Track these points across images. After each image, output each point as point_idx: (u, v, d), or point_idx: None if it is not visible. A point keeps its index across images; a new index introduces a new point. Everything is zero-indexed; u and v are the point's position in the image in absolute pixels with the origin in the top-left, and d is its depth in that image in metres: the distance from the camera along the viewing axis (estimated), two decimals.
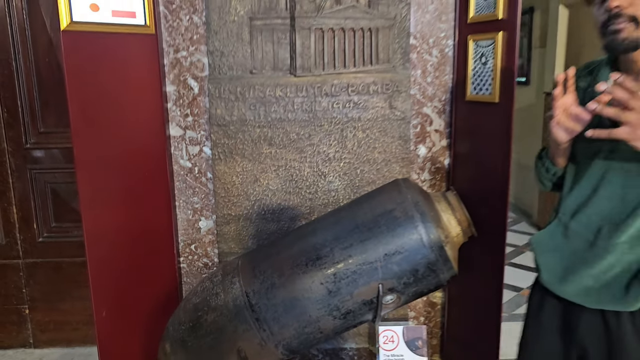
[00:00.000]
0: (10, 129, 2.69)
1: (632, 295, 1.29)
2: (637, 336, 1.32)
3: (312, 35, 2.31)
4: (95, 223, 2.19)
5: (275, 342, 2.05)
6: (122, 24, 2.16)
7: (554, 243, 1.46)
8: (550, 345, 1.49)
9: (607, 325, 1.35)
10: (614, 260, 1.31)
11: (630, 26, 1.19)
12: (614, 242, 1.31)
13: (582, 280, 1.36)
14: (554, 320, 1.47)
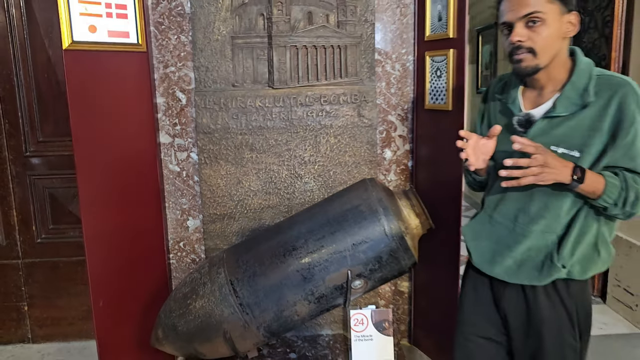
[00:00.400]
0: (11, 139, 2.88)
1: (545, 273, 1.50)
2: (549, 305, 1.52)
3: (287, 52, 2.57)
4: (93, 222, 2.39)
5: (257, 325, 2.29)
6: (117, 43, 2.40)
7: (482, 231, 1.65)
8: (485, 313, 1.67)
9: (525, 297, 1.55)
10: (529, 244, 1.52)
11: (529, 56, 1.41)
12: (529, 230, 1.51)
13: (505, 261, 1.56)
14: (487, 294, 1.66)
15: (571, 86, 1.43)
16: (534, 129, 1.48)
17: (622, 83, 1.40)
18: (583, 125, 1.41)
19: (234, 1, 2.53)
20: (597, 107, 1.40)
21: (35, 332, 3.07)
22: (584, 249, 1.48)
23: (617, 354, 2.81)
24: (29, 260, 3.00)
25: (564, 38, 1.43)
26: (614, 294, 3.32)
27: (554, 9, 1.39)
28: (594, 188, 1.37)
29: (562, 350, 1.52)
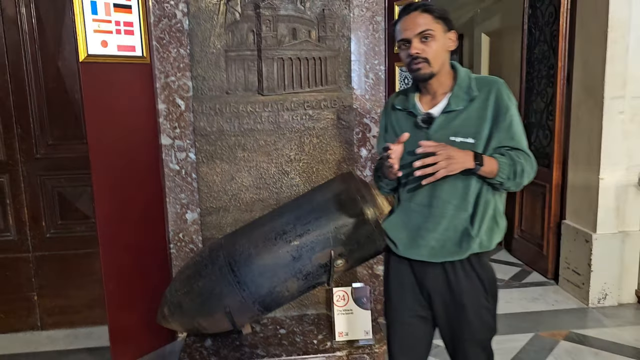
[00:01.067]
0: (23, 142, 3.13)
1: (464, 247, 1.70)
2: (466, 277, 1.74)
3: (275, 64, 2.90)
4: (105, 214, 2.68)
5: (253, 300, 2.60)
6: (125, 56, 2.70)
7: (401, 223, 1.82)
8: (410, 295, 1.84)
9: (446, 274, 1.75)
10: (447, 224, 1.71)
11: (425, 64, 1.66)
12: (444, 211, 1.71)
13: (429, 243, 1.74)
14: (410, 277, 1.83)
15: (458, 87, 1.70)
16: (435, 124, 1.71)
17: (495, 80, 1.70)
18: (472, 116, 1.67)
19: (228, 19, 2.86)
20: (480, 100, 1.67)
21: (45, 320, 3.32)
22: (487, 222, 1.72)
23: (566, 325, 3.19)
24: (38, 253, 3.26)
25: (447, 50, 1.71)
26: (564, 275, 3.72)
27: (439, 27, 1.67)
28: (491, 168, 1.61)
29: (480, 313, 1.75)
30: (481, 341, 1.80)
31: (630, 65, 3.21)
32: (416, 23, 1.66)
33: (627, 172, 3.33)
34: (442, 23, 1.68)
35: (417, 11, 1.67)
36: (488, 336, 1.81)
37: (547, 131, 3.88)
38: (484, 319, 1.77)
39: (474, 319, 1.75)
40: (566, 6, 3.56)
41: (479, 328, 1.77)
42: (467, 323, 1.76)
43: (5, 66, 3.05)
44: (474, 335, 1.78)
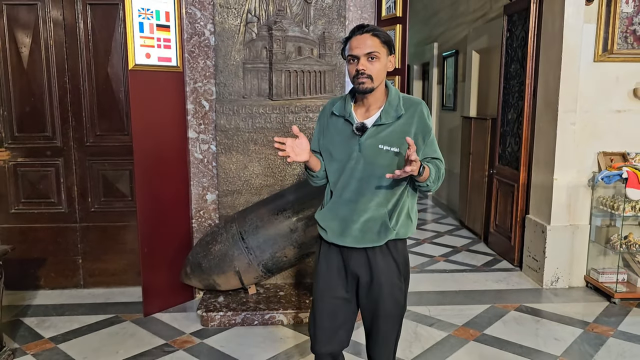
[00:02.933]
0: (76, 132, 3.77)
1: (382, 236, 1.90)
2: (384, 260, 1.93)
3: (283, 74, 3.52)
4: (142, 193, 3.30)
5: (257, 262, 3.22)
6: (163, 65, 3.34)
7: (331, 214, 1.98)
8: (336, 278, 2.00)
9: (368, 258, 1.94)
10: (368, 216, 1.90)
11: (368, 80, 1.82)
12: (368, 206, 1.90)
13: (353, 232, 1.91)
14: (339, 262, 1.99)
15: (389, 104, 1.89)
16: (367, 133, 1.88)
17: (418, 101, 1.92)
18: (397, 130, 1.86)
19: (246, 37, 3.48)
20: (405, 117, 1.88)
21: (86, 280, 3.95)
22: (403, 218, 1.94)
23: (520, 300, 3.75)
24: (84, 224, 3.89)
25: (386, 71, 1.89)
26: (526, 262, 4.27)
27: (384, 50, 1.85)
28: (425, 175, 1.79)
29: (393, 291, 1.95)
30: (393, 316, 1.98)
31: (581, 84, 3.76)
32: (366, 44, 1.82)
33: (578, 174, 3.88)
34: (386, 47, 1.87)
35: (368, 33, 1.83)
36: (399, 312, 1.99)
37: (518, 138, 4.44)
38: (396, 296, 1.96)
39: (388, 296, 1.94)
40: (533, 31, 4.13)
41: (391, 304, 1.95)
42: (383, 300, 1.94)
43: (65, 70, 3.71)
44: (387, 310, 1.96)
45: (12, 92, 3.72)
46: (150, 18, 3.22)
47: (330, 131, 1.99)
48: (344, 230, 1.93)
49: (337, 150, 1.94)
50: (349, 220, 1.93)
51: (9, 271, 3.11)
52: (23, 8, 3.66)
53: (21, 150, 3.79)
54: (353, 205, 1.92)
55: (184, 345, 3.04)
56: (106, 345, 3.05)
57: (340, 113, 1.96)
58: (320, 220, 2.01)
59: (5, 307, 3.41)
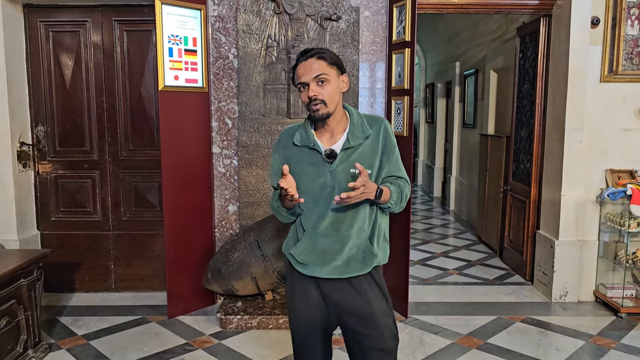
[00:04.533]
0: (111, 147, 4.08)
1: (368, 263, 1.83)
2: (370, 287, 1.85)
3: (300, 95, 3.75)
4: (169, 203, 3.55)
5: (272, 270, 3.42)
6: (190, 86, 3.62)
7: (310, 247, 1.85)
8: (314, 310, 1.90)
9: (353, 287, 1.84)
10: (352, 243, 1.82)
11: (322, 105, 1.75)
12: (349, 233, 1.81)
13: (336, 262, 1.82)
14: (316, 293, 1.89)
15: (353, 125, 1.82)
16: (338, 158, 1.79)
17: (380, 119, 1.87)
18: (367, 151, 1.81)
19: (266, 60, 3.74)
20: (372, 137, 1.82)
21: (117, 284, 4.23)
22: (381, 241, 1.88)
23: (527, 312, 3.84)
24: (117, 232, 4.19)
25: (341, 92, 1.82)
26: (537, 276, 4.35)
27: (333, 72, 1.77)
28: (385, 198, 1.75)
29: (386, 320, 1.87)
30: (388, 350, 1.87)
31: (587, 103, 3.88)
32: (312, 68, 1.74)
33: (586, 190, 3.97)
34: (336, 68, 1.79)
35: (313, 57, 1.76)
36: (394, 343, 1.89)
37: (529, 156, 4.55)
38: (389, 325, 1.88)
39: (381, 327, 1.85)
40: (543, 53, 4.27)
41: (385, 336, 1.86)
42: (376, 331, 1.85)
43: (103, 90, 4.04)
44: (381, 343, 1.85)
45: (55, 110, 4.07)
46: (179, 44, 3.51)
47: (294, 163, 1.84)
48: (327, 262, 1.83)
49: (307, 182, 1.82)
50: (331, 251, 1.83)
51: (48, 274, 3.41)
52: (67, 34, 4.02)
53: (62, 163, 4.13)
54: (334, 236, 1.83)
55: (203, 345, 3.26)
56: (132, 342, 3.30)
57: (303, 143, 1.85)
58: (297, 255, 1.88)
59: (44, 307, 3.71)
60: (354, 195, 1.64)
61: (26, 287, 2.91)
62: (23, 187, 4.01)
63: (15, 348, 2.85)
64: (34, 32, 4.00)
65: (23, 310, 2.90)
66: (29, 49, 4.01)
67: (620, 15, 3.77)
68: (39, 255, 3.02)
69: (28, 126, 4.05)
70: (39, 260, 3.01)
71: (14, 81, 3.86)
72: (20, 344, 2.88)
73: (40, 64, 4.03)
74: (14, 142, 3.87)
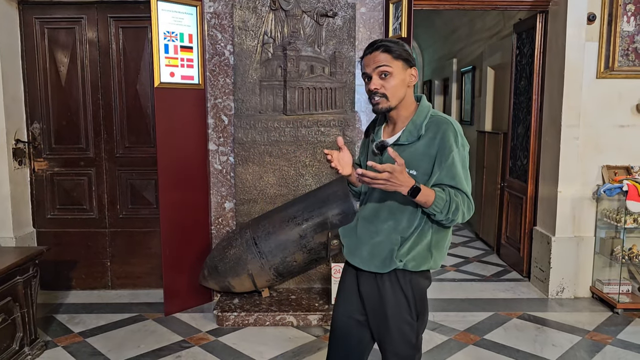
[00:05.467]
0: (107, 144, 4.07)
1: (387, 264, 1.77)
2: (391, 290, 1.80)
3: (296, 91, 3.75)
4: (166, 200, 3.54)
5: (269, 266, 3.43)
6: (186, 83, 3.61)
7: (351, 230, 1.92)
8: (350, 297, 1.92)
9: (376, 283, 1.82)
10: (379, 239, 1.80)
11: (383, 99, 1.72)
12: (380, 228, 1.80)
13: (362, 252, 1.83)
14: (352, 280, 1.91)
15: (412, 123, 1.76)
16: (386, 153, 1.73)
17: (444, 121, 1.75)
18: (419, 152, 1.74)
19: (262, 57, 3.73)
20: (427, 138, 1.74)
21: (114, 282, 4.22)
22: (419, 250, 1.78)
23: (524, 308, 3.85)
24: (113, 229, 4.18)
25: (408, 86, 1.77)
26: (534, 273, 4.36)
27: (399, 65, 1.73)
28: (425, 199, 1.64)
29: (401, 326, 1.81)
30: (401, 357, 1.84)
31: (584, 99, 3.88)
32: (376, 61, 1.73)
33: (583, 187, 3.98)
34: (402, 61, 1.74)
35: (378, 50, 1.73)
36: (409, 352, 1.84)
37: (526, 152, 4.55)
38: (405, 334, 1.82)
39: (395, 332, 1.82)
40: (540, 49, 4.27)
41: (399, 341, 1.82)
42: (389, 334, 1.83)
43: (99, 87, 4.03)
44: (394, 347, 1.83)
45: (50, 107, 4.06)
46: (174, 40, 3.51)
47: (364, 148, 1.98)
48: (356, 249, 1.87)
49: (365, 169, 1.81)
50: (362, 239, 1.85)
51: (44, 272, 3.41)
52: (62, 31, 4.01)
53: (57, 160, 4.12)
54: (368, 225, 1.85)
55: (200, 342, 3.26)
56: (129, 340, 3.30)
57: (370, 131, 1.94)
58: (341, 234, 1.97)
59: (40, 305, 3.70)
60: (372, 176, 1.56)
61: (22, 285, 2.91)
62: (19, 184, 4.00)
63: (12, 345, 2.85)
64: (29, 29, 3.98)
65: (19, 308, 2.89)
66: (24, 46, 3.99)
67: (616, 11, 3.77)
68: (35, 252, 3.02)
69: (23, 123, 4.04)
70: (35, 257, 3.01)
71: (9, 78, 3.85)
72: (16, 342, 2.88)
73: (36, 61, 4.01)
74: (9, 140, 3.86)
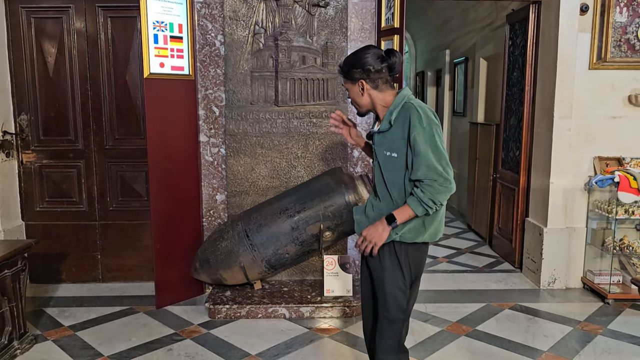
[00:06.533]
0: (96, 136, 4.03)
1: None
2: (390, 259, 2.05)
3: (288, 82, 3.72)
4: (156, 192, 3.51)
5: (261, 258, 3.41)
6: (176, 74, 3.57)
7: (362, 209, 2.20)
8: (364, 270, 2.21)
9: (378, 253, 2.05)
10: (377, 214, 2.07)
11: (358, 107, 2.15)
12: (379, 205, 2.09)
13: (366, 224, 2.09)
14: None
15: (388, 113, 2.03)
16: (375, 140, 2.09)
17: (410, 107, 1.97)
18: (396, 137, 2.00)
19: (253, 47, 3.70)
20: (399, 124, 1.99)
21: (105, 274, 4.19)
22: (414, 224, 2.02)
23: (515, 299, 3.87)
24: (103, 222, 4.14)
25: (364, 94, 2.05)
26: (526, 264, 4.38)
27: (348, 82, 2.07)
28: (405, 215, 1.97)
29: (395, 292, 2.06)
30: (391, 320, 2.08)
31: (576, 90, 3.88)
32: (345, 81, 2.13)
33: (574, 178, 3.99)
34: (349, 79, 2.07)
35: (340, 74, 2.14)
36: (399, 316, 2.08)
37: (519, 143, 4.56)
38: (398, 299, 2.07)
39: (389, 296, 2.06)
40: (532, 40, 4.26)
41: (391, 305, 2.06)
42: (384, 298, 2.08)
43: (87, 78, 3.97)
44: (386, 310, 2.08)
45: (38, 98, 4.00)
46: (164, 30, 3.46)
47: None
48: (361, 223, 2.16)
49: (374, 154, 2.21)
50: (369, 215, 2.14)
51: (33, 265, 3.38)
52: (49, 20, 3.94)
53: (46, 152, 4.07)
54: (372, 201, 2.17)
55: (192, 334, 3.25)
56: (120, 333, 3.28)
57: None
58: (354, 211, 2.26)
59: (30, 299, 3.67)
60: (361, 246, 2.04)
61: (10, 278, 2.87)
62: (7, 177, 3.95)
63: (0, 340, 2.82)
64: (15, 19, 3.92)
65: (7, 302, 2.86)
66: (10, 36, 3.93)
67: (609, 2, 3.76)
68: (23, 245, 2.98)
69: (11, 115, 3.98)
70: (24, 250, 2.97)
71: None
72: (5, 336, 2.85)
73: (23, 51, 3.95)
74: None
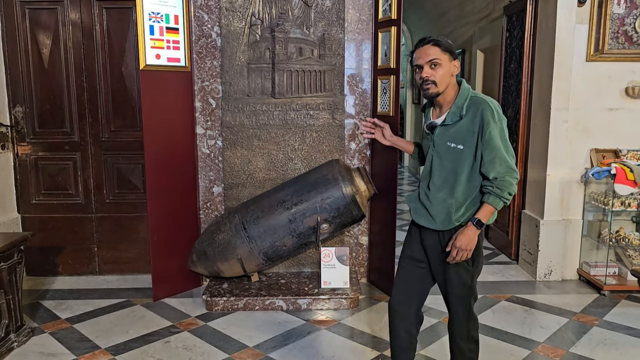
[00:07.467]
0: (92, 128, 4.00)
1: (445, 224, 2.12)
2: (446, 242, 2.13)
3: (285, 74, 3.70)
4: (153, 184, 3.49)
5: (258, 251, 3.41)
6: (173, 65, 3.54)
7: (415, 196, 2.27)
8: (415, 246, 2.28)
9: (439, 237, 2.17)
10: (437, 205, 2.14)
11: (432, 86, 2.06)
12: (435, 196, 2.15)
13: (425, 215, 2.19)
14: (417, 236, 2.27)
15: (455, 106, 2.09)
16: (437, 132, 2.13)
17: (482, 101, 2.05)
18: (463, 129, 2.06)
19: (250, 39, 3.67)
20: (469, 117, 2.05)
21: (101, 267, 4.18)
22: (474, 212, 2.11)
23: (512, 291, 3.88)
24: (100, 214, 4.13)
25: (452, 75, 2.09)
26: (522, 256, 4.39)
27: (446, 57, 2.05)
28: (490, 215, 2.06)
29: (459, 270, 2.14)
30: (460, 296, 2.18)
31: (573, 82, 3.87)
32: (427, 53, 2.06)
33: (571, 170, 4.00)
34: (448, 54, 2.07)
35: (429, 44, 2.07)
36: (466, 292, 2.18)
37: (515, 135, 4.55)
38: (462, 277, 2.15)
39: (454, 276, 2.16)
40: (530, 31, 4.24)
41: (457, 283, 2.15)
42: (449, 279, 2.17)
43: (83, 69, 3.94)
44: (454, 289, 2.17)
45: (33, 90, 3.97)
46: (160, 21, 3.43)
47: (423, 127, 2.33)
48: (419, 210, 2.22)
49: (424, 145, 2.32)
50: (423, 203, 2.20)
51: (30, 258, 3.36)
52: (44, 11, 3.90)
53: (41, 144, 4.04)
54: (428, 192, 2.19)
55: (189, 327, 3.25)
56: (117, 325, 3.28)
57: (425, 112, 2.29)
58: (407, 200, 2.36)
59: (26, 291, 3.67)
60: (459, 256, 2.07)
61: (6, 271, 2.86)
62: (2, 169, 3.93)
63: None
64: (9, 10, 3.88)
65: (4, 294, 2.85)
66: (4, 27, 3.89)
67: None
68: (19, 238, 2.97)
69: (6, 107, 3.95)
70: (20, 243, 2.96)
71: None
72: (2, 328, 2.85)
73: (17, 43, 3.91)
74: None
